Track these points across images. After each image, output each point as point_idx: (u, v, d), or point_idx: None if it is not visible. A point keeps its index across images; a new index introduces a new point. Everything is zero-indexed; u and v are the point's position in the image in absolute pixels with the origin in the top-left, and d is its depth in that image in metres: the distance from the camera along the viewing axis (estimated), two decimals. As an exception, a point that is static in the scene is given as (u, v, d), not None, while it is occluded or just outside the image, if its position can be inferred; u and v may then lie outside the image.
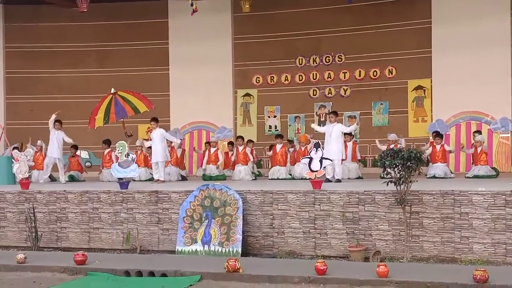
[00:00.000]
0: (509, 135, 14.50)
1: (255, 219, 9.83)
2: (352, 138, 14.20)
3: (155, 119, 13.19)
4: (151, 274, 8.46)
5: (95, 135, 15.47)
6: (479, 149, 13.00)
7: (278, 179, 13.52)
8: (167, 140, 13.31)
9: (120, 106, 13.38)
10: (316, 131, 12.49)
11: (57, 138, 13.25)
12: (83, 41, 17.30)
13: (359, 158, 14.25)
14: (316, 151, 10.50)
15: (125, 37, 17.18)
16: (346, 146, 13.54)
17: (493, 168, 13.21)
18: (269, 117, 16.83)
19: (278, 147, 13.96)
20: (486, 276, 7.25)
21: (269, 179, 13.74)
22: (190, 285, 7.95)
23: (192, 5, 13.60)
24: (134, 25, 17.17)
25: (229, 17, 16.75)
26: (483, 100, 14.58)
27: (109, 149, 14.63)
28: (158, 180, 12.76)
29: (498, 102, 14.48)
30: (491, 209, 8.73)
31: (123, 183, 11.03)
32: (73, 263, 8.86)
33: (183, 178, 14.36)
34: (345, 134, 13.61)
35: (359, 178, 13.42)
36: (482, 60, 14.56)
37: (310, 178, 10.20)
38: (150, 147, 13.31)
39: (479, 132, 13.92)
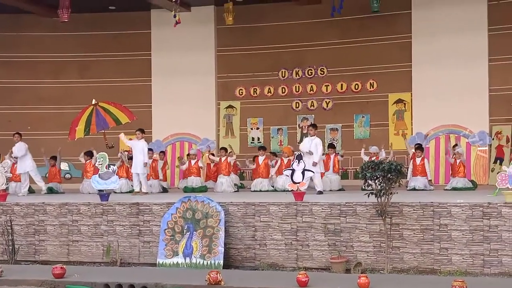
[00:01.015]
0: (486, 148, 14.71)
1: (237, 231, 9.82)
2: (335, 150, 14.29)
3: (141, 130, 13.18)
4: (132, 287, 8.39)
5: (76, 147, 15.31)
6: (458, 161, 13.16)
7: (260, 191, 13.53)
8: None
9: (101, 118, 13.32)
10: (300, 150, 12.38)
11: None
12: (64, 51, 17.20)
13: (340, 169, 14.32)
14: (298, 162, 10.55)
15: (107, 47, 17.13)
16: (328, 158, 13.62)
17: (471, 180, 13.38)
18: (251, 129, 16.87)
19: (261, 159, 13.99)
20: (464, 287, 7.33)
21: (252, 191, 13.75)
22: (171, 297, 7.92)
23: (175, 16, 13.63)
24: (116, 36, 17.14)
25: (212, 29, 16.81)
26: (461, 113, 14.79)
27: (90, 160, 14.50)
28: (140, 192, 12.70)
29: (476, 116, 14.70)
30: (469, 220, 8.84)
31: (104, 195, 10.94)
32: (52, 277, 8.72)
33: (164, 190, 14.29)
34: (328, 147, 13.80)
35: (340, 190, 13.50)
36: (460, 74, 14.78)
37: (292, 190, 10.23)
38: (131, 158, 13.30)
39: (457, 145, 14.08)
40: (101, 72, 17.11)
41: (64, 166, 16.43)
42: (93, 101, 13.56)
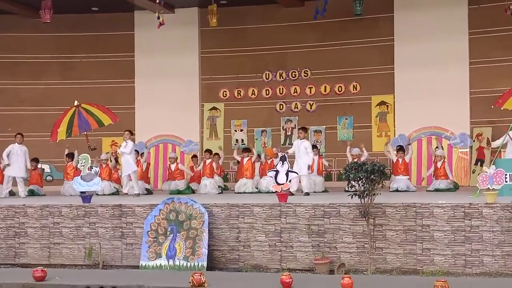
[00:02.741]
0: (467, 150, 14.86)
1: (221, 232, 9.80)
2: (318, 151, 14.33)
3: (130, 131, 13.17)
4: (114, 289, 8.33)
5: (57, 148, 15.18)
6: (439, 164, 13.27)
7: (244, 192, 13.52)
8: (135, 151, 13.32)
9: (83, 119, 13.26)
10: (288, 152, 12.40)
11: None
12: (46, 52, 17.02)
13: (324, 171, 14.36)
14: (283, 164, 10.57)
15: (89, 49, 17.00)
16: (312, 160, 13.64)
17: (452, 181, 13.50)
18: (235, 130, 16.85)
19: (245, 160, 13.98)
20: (447, 287, 7.39)
21: (236, 192, 13.73)
22: (154, 299, 7.87)
23: (159, 18, 13.57)
24: (99, 37, 17.01)
25: (196, 31, 16.77)
26: (443, 115, 14.92)
27: (71, 162, 14.35)
28: (133, 194, 12.58)
29: (457, 117, 14.85)
30: (451, 221, 8.93)
31: (86, 196, 10.87)
32: (32, 280, 8.61)
33: (148, 192, 14.22)
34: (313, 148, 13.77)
35: (324, 191, 13.54)
36: (442, 76, 14.93)
37: (276, 191, 10.24)
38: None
39: (438, 147, 14.19)
40: (84, 73, 16.97)
41: (45, 168, 16.27)
42: (76, 103, 13.48)
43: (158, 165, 16.60)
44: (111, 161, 14.33)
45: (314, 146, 14.32)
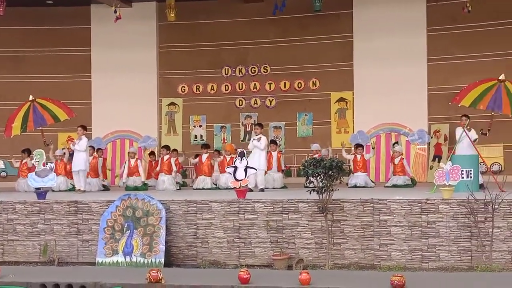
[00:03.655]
0: (425, 146, 15.10)
1: (178, 229, 9.71)
2: (278, 148, 14.33)
3: (83, 126, 12.93)
4: (69, 286, 8.20)
5: (12, 144, 14.75)
6: (397, 160, 13.43)
7: (203, 188, 13.41)
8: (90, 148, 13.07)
9: (38, 114, 12.98)
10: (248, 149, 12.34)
11: None
12: (-2, 45, 16.53)
13: (283, 168, 14.39)
14: (241, 160, 10.53)
15: (44, 42, 16.52)
16: (271, 156, 13.64)
17: (410, 178, 13.69)
18: (194, 126, 16.70)
19: (204, 157, 13.87)
20: (403, 282, 7.49)
21: (194, 189, 13.61)
22: (110, 297, 7.73)
23: (116, 12, 13.34)
24: (54, 31, 16.55)
25: (154, 25, 16.52)
26: (401, 112, 15.11)
27: (28, 158, 13.98)
28: (79, 189, 12.40)
29: (415, 114, 15.05)
30: (408, 216, 9.05)
31: (41, 193, 10.61)
32: (-15, 278, 8.40)
33: (105, 188, 13.98)
34: (270, 143, 13.77)
35: (283, 187, 13.55)
36: (400, 73, 15.11)
37: (234, 187, 10.19)
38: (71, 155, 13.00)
39: (397, 143, 14.40)
40: (38, 67, 16.51)
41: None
42: (30, 97, 13.15)
43: (115, 161, 16.32)
44: (66, 156, 13.98)
45: (272, 141, 14.33)
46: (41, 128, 13.12)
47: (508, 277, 8.10)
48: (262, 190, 11.70)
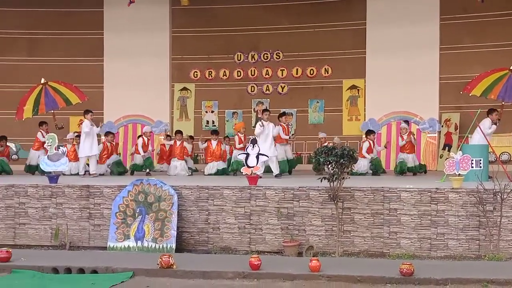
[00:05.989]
0: (436, 135, 15.07)
1: (190, 214, 9.76)
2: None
3: (86, 111, 12.83)
4: (81, 271, 8.25)
5: (24, 126, 14.85)
6: (405, 137, 13.25)
7: (216, 174, 13.42)
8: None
9: (50, 97, 13.00)
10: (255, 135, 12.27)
11: None
12: (12, 27, 16.55)
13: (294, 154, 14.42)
14: (253, 147, 10.55)
15: (57, 25, 16.58)
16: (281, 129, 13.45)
17: (421, 164, 13.63)
18: (206, 112, 16.74)
19: (214, 143, 13.90)
20: (412, 270, 7.54)
21: (205, 174, 13.66)
22: (122, 281, 7.81)
23: (129, -5, 13.32)
24: (67, 14, 16.60)
25: (167, 10, 16.51)
26: (412, 101, 15.08)
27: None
28: (91, 173, 12.49)
29: (426, 103, 15.03)
30: (418, 205, 9.06)
31: (53, 177, 10.68)
32: (-3, 260, 8.49)
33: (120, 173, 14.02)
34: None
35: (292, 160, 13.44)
36: (412, 62, 15.05)
37: (246, 174, 10.23)
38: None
39: (406, 121, 14.13)
40: (51, 50, 16.58)
41: (11, 146, 15.90)
42: (42, 80, 13.18)
43: (127, 145, 16.40)
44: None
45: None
46: (53, 111, 13.17)
47: (517, 267, 8.10)
48: (279, 175, 11.68)
